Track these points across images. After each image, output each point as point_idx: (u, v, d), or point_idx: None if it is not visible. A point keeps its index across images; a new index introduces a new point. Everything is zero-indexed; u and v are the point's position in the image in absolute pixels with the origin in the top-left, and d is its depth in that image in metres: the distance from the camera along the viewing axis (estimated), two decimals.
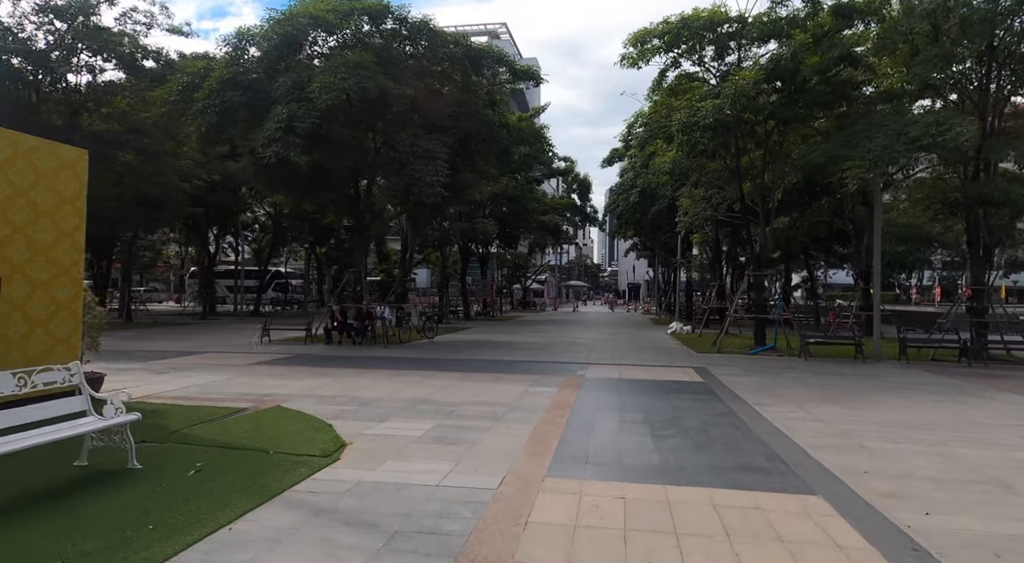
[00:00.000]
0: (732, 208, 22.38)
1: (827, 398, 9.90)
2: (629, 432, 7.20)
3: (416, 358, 14.99)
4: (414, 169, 17.02)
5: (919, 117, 14.02)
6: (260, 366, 12.69)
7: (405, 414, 8.01)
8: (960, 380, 12.46)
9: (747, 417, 8.22)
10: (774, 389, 10.78)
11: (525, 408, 8.56)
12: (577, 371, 12.81)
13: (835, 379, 12.27)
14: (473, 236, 35.41)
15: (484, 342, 20.01)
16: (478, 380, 11.21)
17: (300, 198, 20.94)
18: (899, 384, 11.74)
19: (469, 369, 12.85)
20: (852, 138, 14.49)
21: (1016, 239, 21.03)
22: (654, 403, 9.18)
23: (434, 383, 10.73)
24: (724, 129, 15.22)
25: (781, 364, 14.85)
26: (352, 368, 12.64)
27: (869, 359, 15.93)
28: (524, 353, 16.60)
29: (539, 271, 63.16)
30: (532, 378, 11.59)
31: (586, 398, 9.48)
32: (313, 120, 15.27)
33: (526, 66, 21.26)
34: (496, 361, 14.51)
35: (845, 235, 28.09)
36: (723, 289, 25.64)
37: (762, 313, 18.04)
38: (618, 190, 36.58)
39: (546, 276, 75.60)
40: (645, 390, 10.50)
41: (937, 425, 7.93)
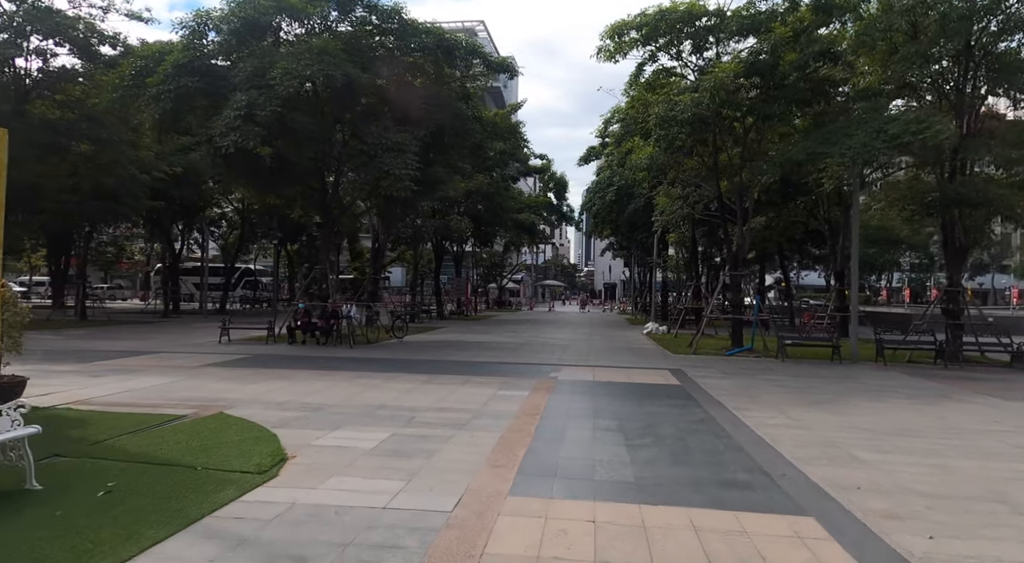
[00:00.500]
0: (708, 207, 22.09)
1: (808, 402, 9.49)
2: (602, 441, 6.66)
3: (382, 359, 14.30)
4: (383, 162, 16.32)
5: (899, 115, 13.78)
6: (212, 368, 11.90)
7: (360, 421, 7.36)
8: (939, 383, 12.21)
9: (727, 424, 7.74)
10: (753, 392, 10.36)
11: (492, 414, 7.98)
12: (550, 373, 12.26)
13: (814, 382, 11.92)
14: (447, 234, 34.70)
15: (455, 342, 19.37)
16: (444, 383, 10.59)
17: (263, 191, 20.05)
18: (879, 387, 11.43)
19: (436, 371, 12.22)
20: (831, 135, 14.19)
21: (991, 240, 21.08)
22: (629, 408, 8.67)
23: (397, 386, 10.09)
24: (702, 124, 14.82)
25: (758, 366, 14.50)
26: (311, 370, 11.91)
27: (846, 361, 15.68)
28: (495, 354, 16.01)
29: (515, 270, 62.64)
30: (502, 381, 11.01)
31: (558, 403, 8.93)
32: (274, 108, 14.48)
33: (501, 58, 20.67)
34: (465, 362, 13.90)
35: (820, 236, 28.07)
36: (699, 289, 25.37)
37: (739, 314, 17.70)
38: (594, 188, 36.21)
39: (522, 275, 75.11)
40: (620, 394, 9.99)
41: (924, 431, 7.54)
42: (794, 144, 14.73)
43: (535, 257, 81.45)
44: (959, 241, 15.98)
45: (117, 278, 64.37)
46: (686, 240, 26.49)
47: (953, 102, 16.05)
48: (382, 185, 16.38)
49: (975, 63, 15.87)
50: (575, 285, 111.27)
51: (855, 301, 15.94)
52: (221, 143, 14.52)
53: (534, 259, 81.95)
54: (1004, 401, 10.15)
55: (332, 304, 17.68)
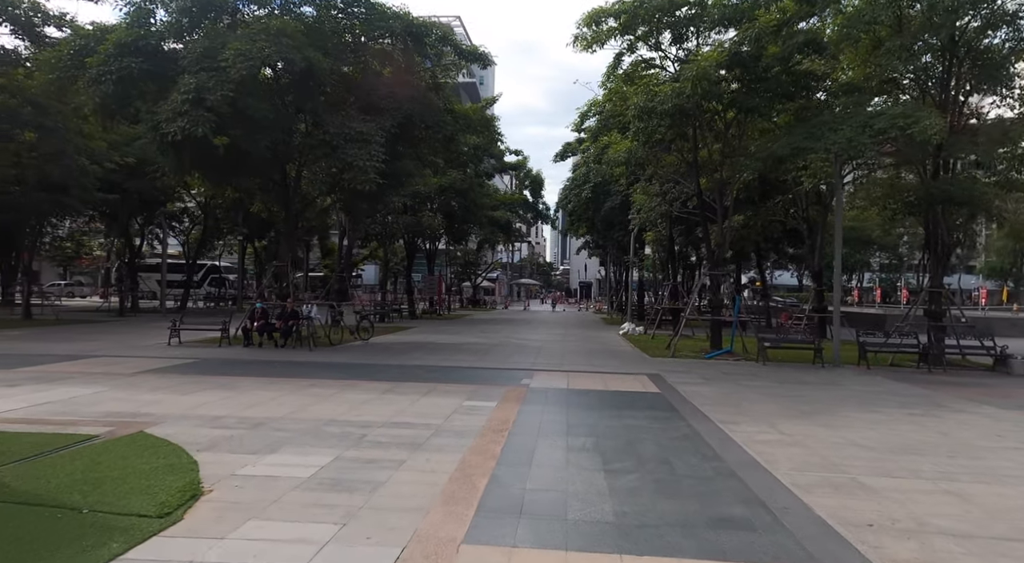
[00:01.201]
0: (686, 204, 21.50)
1: (798, 413, 8.82)
2: (577, 465, 5.85)
3: (342, 364, 13.33)
4: (346, 153, 15.32)
5: (884, 109, 13.25)
6: (149, 375, 10.82)
7: (303, 441, 6.44)
8: (927, 389, 11.69)
9: (714, 440, 7.00)
10: (739, 402, 9.66)
11: (454, 431, 7.12)
12: (522, 379, 11.44)
13: (801, 389, 11.29)
14: (419, 231, 33.65)
15: (424, 344, 18.44)
16: (406, 392, 9.70)
17: (218, 183, 18.86)
18: (868, 395, 10.84)
19: (399, 377, 11.31)
20: (816, 130, 13.61)
21: (975, 240, 20.86)
22: (606, 422, 7.88)
23: (352, 397, 9.16)
24: (683, 116, 14.13)
25: (740, 370, 13.87)
26: (261, 377, 10.91)
27: (828, 364, 15.17)
28: (465, 357, 15.14)
29: (490, 269, 61.76)
30: (470, 389, 10.15)
31: (529, 416, 8.11)
32: (226, 92, 13.36)
33: (472, 47, 19.76)
34: (432, 367, 13.00)
35: (798, 235, 27.75)
36: (676, 289, 24.80)
37: (718, 314, 17.10)
38: (570, 185, 35.52)
39: (497, 274, 74.29)
40: (596, 404, 9.21)
41: (928, 449, 6.89)
42: (777, 139, 14.12)
43: (511, 255, 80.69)
44: (943, 240, 15.58)
45: (77, 275, 61.91)
46: (663, 239, 25.91)
47: (937, 99, 15.64)
48: (345, 178, 15.36)
49: (959, 59, 15.49)
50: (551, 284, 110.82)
51: (837, 302, 15.42)
52: (167, 129, 13.37)
53: (510, 257, 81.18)
54: (1000, 410, 9.62)
55: (291, 304, 16.61)
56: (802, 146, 13.40)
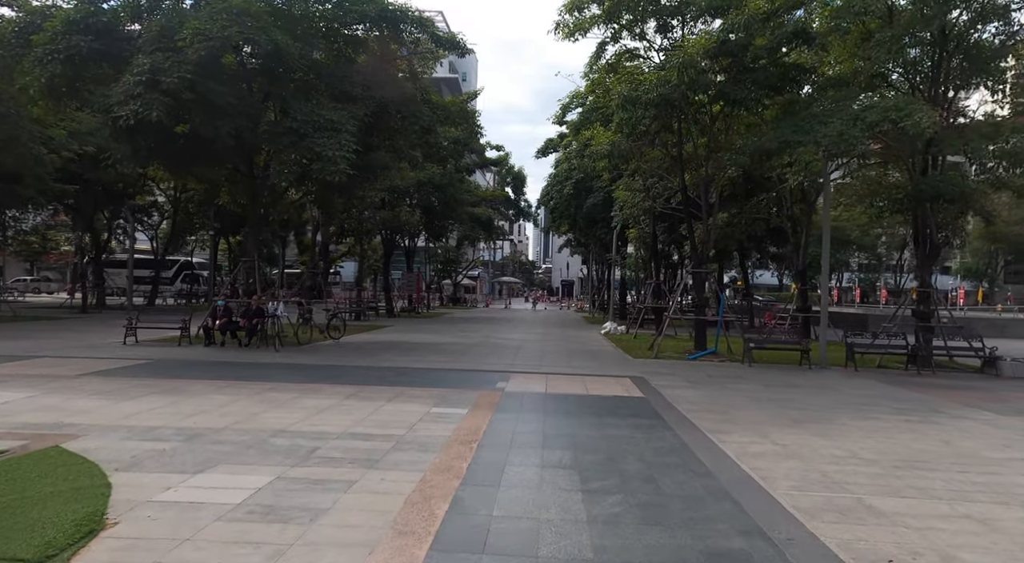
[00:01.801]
0: (669, 202, 20.95)
1: (790, 421, 8.24)
2: (551, 485, 5.18)
3: (307, 365, 12.53)
4: (314, 142, 14.48)
5: (876, 102, 12.77)
6: (93, 378, 9.94)
7: (242, 457, 5.69)
8: (920, 393, 11.22)
9: (704, 453, 6.37)
10: (727, 408, 9.07)
11: (418, 443, 6.41)
12: (497, 383, 10.75)
13: (790, 393, 10.75)
14: (397, 227, 32.74)
15: (398, 344, 17.67)
16: (370, 397, 8.95)
17: (180, 173, 17.88)
18: (861, 399, 10.33)
19: (365, 380, 10.55)
20: (805, 124, 13.09)
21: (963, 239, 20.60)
22: (586, 432, 7.22)
23: (311, 402, 8.40)
24: (668, 107, 13.53)
25: (726, 372, 13.32)
26: (215, 380, 10.09)
27: (815, 365, 14.70)
28: (440, 358, 14.41)
29: (470, 266, 60.99)
30: (440, 394, 9.44)
31: (501, 425, 7.42)
32: (183, 74, 12.50)
33: (450, 34, 18.99)
34: (403, 369, 12.26)
35: (781, 233, 27.38)
36: (659, 287, 24.29)
37: (702, 314, 16.56)
38: (552, 182, 34.90)
39: (479, 272, 73.54)
40: (575, 411, 8.55)
41: (935, 462, 6.33)
42: (765, 132, 13.58)
43: (492, 253, 79.99)
44: (932, 238, 15.18)
45: (45, 270, 59.97)
46: (646, 236, 25.38)
47: (926, 95, 15.23)
48: (313, 168, 14.54)
49: (948, 53, 15.09)
50: (533, 282, 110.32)
51: (825, 302, 14.98)
52: (119, 113, 12.45)
53: (491, 255, 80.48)
54: (998, 415, 9.14)
55: (256, 301, 15.73)
56: (791, 140, 12.87)
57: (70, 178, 24.82)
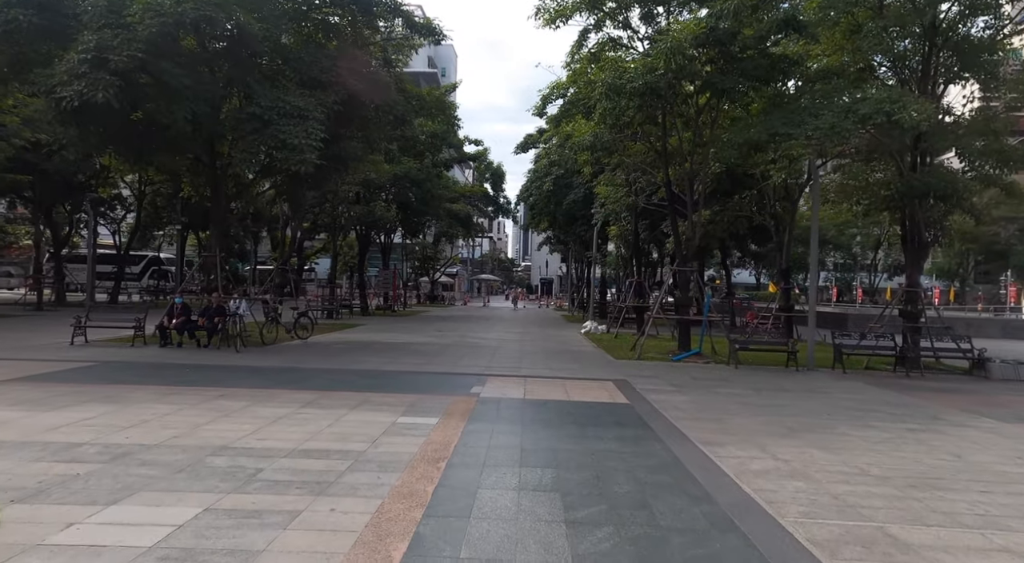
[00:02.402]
0: (651, 199, 20.39)
1: (787, 430, 7.64)
2: (530, 515, 4.46)
3: (269, 368, 11.67)
4: (279, 130, 13.59)
5: (870, 94, 12.27)
6: (23, 384, 8.98)
7: (170, 483, 4.88)
8: (915, 398, 10.75)
9: (699, 471, 5.72)
10: (718, 415, 8.45)
11: (378, 462, 5.65)
12: (472, 387, 10.02)
13: (781, 398, 10.19)
14: (372, 222, 31.76)
15: (370, 344, 16.83)
16: (332, 405, 8.16)
17: (136, 161, 16.77)
18: (855, 404, 9.80)
19: (329, 385, 9.75)
20: (795, 116, 12.56)
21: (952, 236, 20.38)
22: (568, 445, 6.53)
23: (264, 412, 7.58)
24: (654, 96, 12.88)
25: (711, 375, 12.75)
26: (163, 386, 9.19)
27: (802, 367, 14.21)
28: (412, 360, 13.63)
29: (449, 264, 60.09)
30: (409, 401, 8.67)
31: (475, 437, 6.69)
32: (133, 53, 11.52)
33: (426, 20, 18.18)
34: (372, 372, 11.46)
35: (764, 232, 27.03)
36: (641, 286, 23.74)
37: (686, 314, 15.99)
38: (532, 177, 34.22)
39: (457, 269, 72.62)
40: (556, 420, 7.85)
41: (951, 479, 5.75)
42: (753, 125, 13.02)
43: (471, 251, 79.14)
44: (921, 236, 14.78)
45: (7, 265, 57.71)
46: (627, 233, 24.81)
47: (915, 89, 14.82)
48: (277, 157, 13.64)
49: (938, 46, 14.70)
50: (512, 280, 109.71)
51: (813, 301, 14.51)
52: (62, 94, 11.43)
53: (470, 253, 79.62)
54: (1000, 423, 8.66)
55: (217, 298, 14.77)
56: (781, 132, 12.32)
57: (24, 168, 23.50)
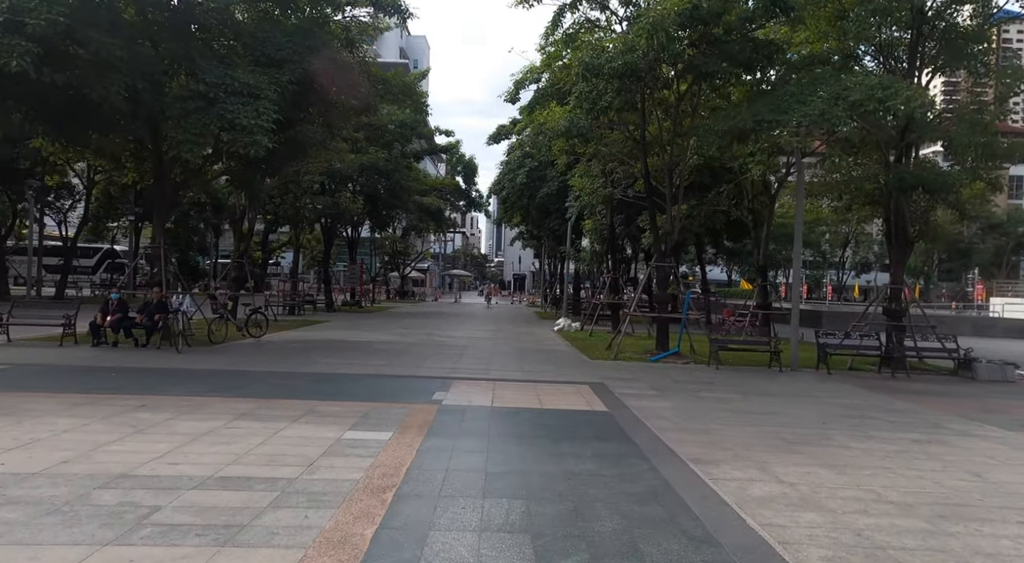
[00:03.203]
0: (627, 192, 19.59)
1: (785, 443, 6.85)
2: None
3: (210, 371, 10.51)
4: (227, 109, 12.40)
5: (861, 79, 11.59)
6: None
7: (34, 529, 3.82)
8: (909, 402, 10.11)
9: (696, 500, 4.84)
10: (706, 424, 7.63)
11: (310, 493, 4.65)
12: (435, 393, 9.04)
13: (769, 403, 9.45)
14: (338, 215, 30.41)
15: (328, 343, 15.71)
16: (271, 416, 7.10)
17: (68, 141, 15.26)
18: (849, 410, 9.09)
19: (273, 392, 8.68)
20: (782, 102, 11.84)
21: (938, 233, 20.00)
22: (541, 467, 5.61)
23: (188, 426, 6.50)
24: (634, 78, 12.03)
25: (693, 377, 11.99)
26: (74, 394, 8.00)
27: (786, 368, 13.56)
28: (372, 361, 12.58)
29: (419, 258, 58.83)
30: (362, 410, 7.66)
31: (432, 458, 5.74)
32: (54, 17, 10.22)
33: None
34: (325, 376, 10.40)
35: (739, 228, 26.54)
36: (617, 282, 22.99)
37: (665, 312, 15.22)
38: (504, 170, 33.24)
39: (428, 264, 71.37)
40: (527, 433, 6.93)
41: (980, 506, 4.99)
42: (738, 112, 12.27)
43: (443, 246, 77.93)
44: (905, 232, 14.24)
45: None
46: (603, 228, 24.03)
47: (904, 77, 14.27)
48: (224, 139, 12.45)
49: (924, 34, 14.16)
50: (485, 276, 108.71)
51: (796, 298, 13.87)
52: None
53: (442, 248, 78.42)
54: (1006, 432, 8.02)
55: (157, 293, 13.49)
56: (768, 119, 11.59)
57: None
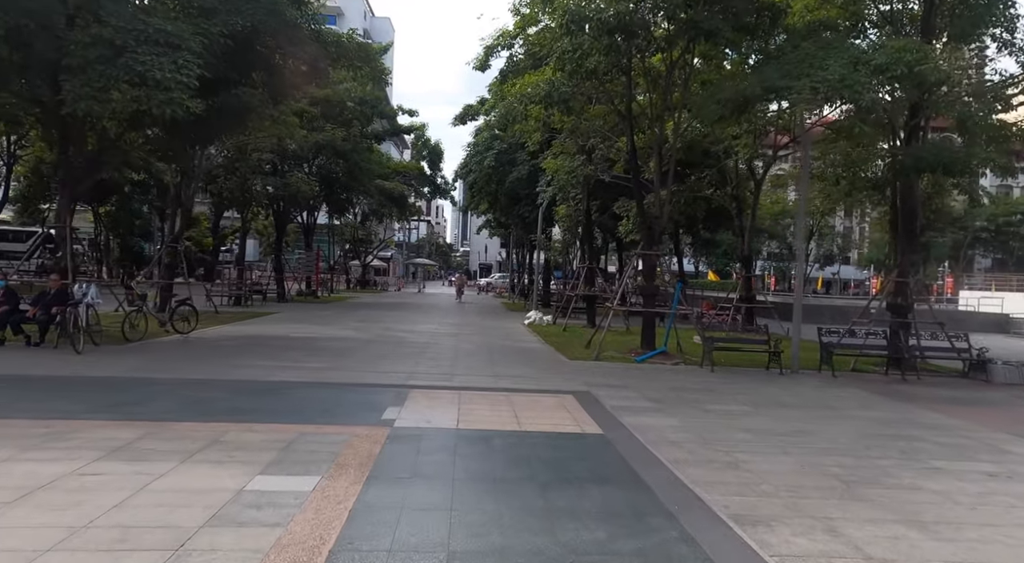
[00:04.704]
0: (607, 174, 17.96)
1: (843, 486, 5.26)
2: None
3: (106, 380, 8.46)
4: (137, 59, 10.25)
5: (884, 42, 10.12)
6: None
7: None
8: (945, 414, 8.72)
9: None
10: (732, 454, 6.01)
11: None
12: (386, 409, 7.22)
13: (792, 419, 7.91)
14: (291, 197, 27.98)
15: (267, 340, 13.68)
16: (153, 453, 5.18)
17: None
18: (885, 428, 7.62)
19: (175, 410, 6.72)
20: (793, 68, 10.29)
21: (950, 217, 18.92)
22: (529, 542, 3.86)
23: (20, 473, 4.54)
24: (626, 35, 10.30)
25: (689, 381, 10.44)
26: None
27: (786, 369, 12.13)
28: (314, 363, 10.65)
29: (382, 246, 56.40)
30: (287, 436, 5.79)
31: (371, 521, 3.94)
32: None
33: None
34: (251, 385, 8.45)
35: (717, 217, 25.27)
36: (593, 272, 21.40)
37: (652, 306, 13.65)
38: (472, 152, 31.30)
39: (392, 253, 68.87)
40: (505, 475, 5.19)
41: None
42: (744, 78, 10.70)
43: (407, 234, 75.47)
44: (913, 220, 12.94)
45: None
46: (578, 214, 22.38)
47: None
48: (133, 96, 10.30)
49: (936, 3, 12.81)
50: (451, 265, 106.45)
51: (799, 292, 12.44)
52: None
53: (406, 236, 75.95)
54: None
55: (56, 282, 11.26)
56: (779, 85, 10.03)
57: None
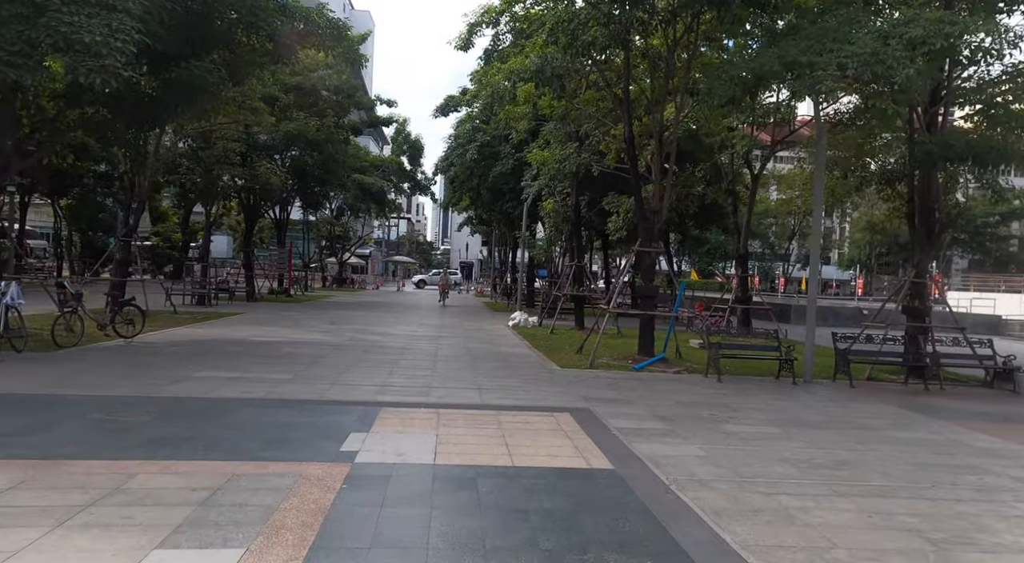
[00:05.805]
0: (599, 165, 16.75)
1: (933, 548, 4.07)
2: None
3: (8, 398, 6.99)
4: (61, 19, 8.76)
5: (917, 14, 9.02)
6: None
7: None
8: (994, 435, 7.61)
9: None
10: (777, 498, 4.78)
11: None
12: (347, 437, 5.88)
13: (830, 444, 6.73)
14: (261, 191, 26.30)
15: (224, 344, 12.21)
16: (23, 510, 3.80)
17: None
18: (938, 454, 6.47)
19: (79, 440, 5.31)
20: (815, 43, 9.14)
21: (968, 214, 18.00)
22: None
23: None
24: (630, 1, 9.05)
25: (699, 395, 9.24)
26: None
27: (798, 378, 11.01)
28: (269, 375, 9.22)
29: (360, 243, 54.69)
30: (214, 480, 4.43)
31: None
32: None
33: None
34: (188, 403, 7.04)
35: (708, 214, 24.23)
36: (582, 271, 20.18)
37: (651, 308, 12.44)
38: (453, 144, 29.91)
39: (371, 250, 67.14)
40: (495, 542, 3.89)
41: None
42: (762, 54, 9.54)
43: (387, 231, 73.78)
44: (933, 215, 11.90)
45: None
46: (566, 209, 21.14)
47: None
48: (54, 57, 8.81)
49: None
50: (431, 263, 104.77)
51: (813, 293, 11.32)
52: None
53: (386, 233, 74.27)
54: None
55: None
56: (801, 60, 8.86)
57: None
